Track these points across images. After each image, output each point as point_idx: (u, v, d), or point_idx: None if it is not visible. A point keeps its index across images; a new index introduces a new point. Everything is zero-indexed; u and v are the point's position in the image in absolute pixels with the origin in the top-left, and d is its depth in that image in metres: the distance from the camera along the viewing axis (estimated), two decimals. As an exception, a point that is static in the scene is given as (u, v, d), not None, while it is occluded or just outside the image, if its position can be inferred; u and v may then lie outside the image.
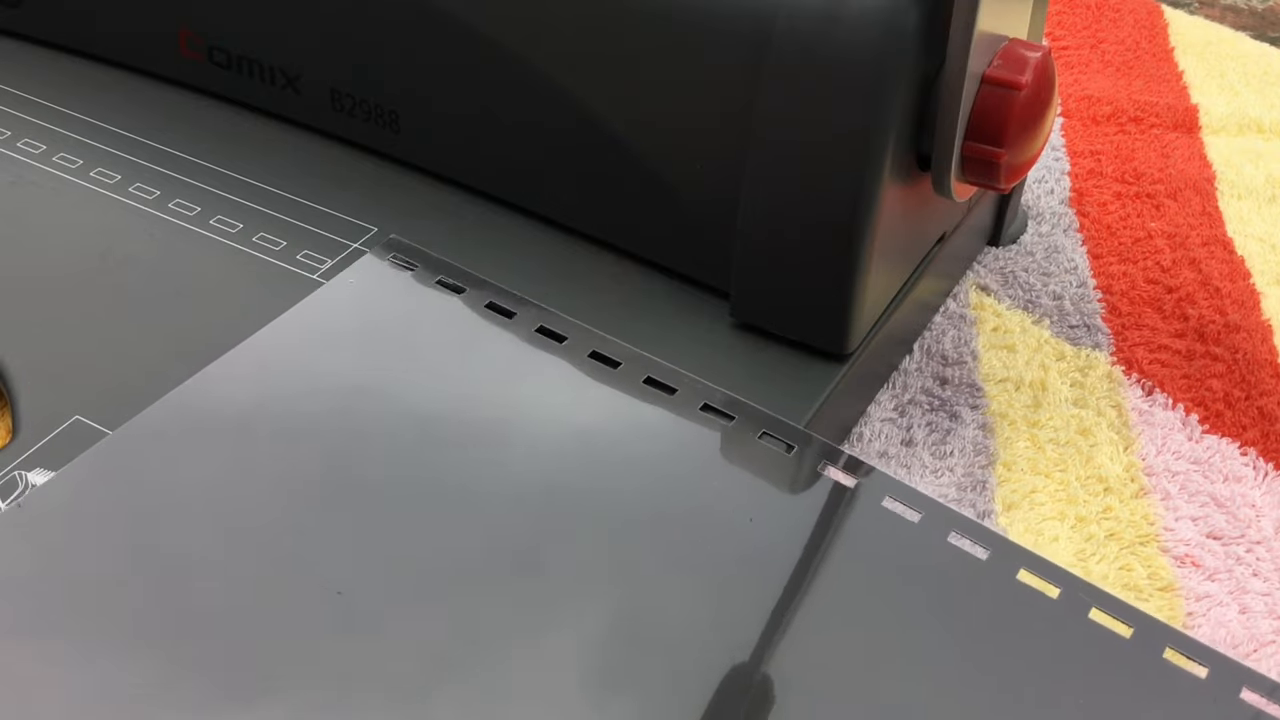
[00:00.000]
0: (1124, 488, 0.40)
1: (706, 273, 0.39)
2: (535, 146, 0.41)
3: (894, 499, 0.33)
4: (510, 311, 0.38)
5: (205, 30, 0.46)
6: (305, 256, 0.41)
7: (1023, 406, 0.42)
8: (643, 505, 0.33)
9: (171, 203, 0.43)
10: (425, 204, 0.43)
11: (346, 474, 0.33)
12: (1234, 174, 0.53)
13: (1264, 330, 0.45)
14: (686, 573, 0.31)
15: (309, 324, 0.37)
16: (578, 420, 0.35)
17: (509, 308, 0.38)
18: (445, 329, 0.37)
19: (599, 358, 0.37)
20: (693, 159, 0.38)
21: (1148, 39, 0.62)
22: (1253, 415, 0.42)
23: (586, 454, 0.34)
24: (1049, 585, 0.32)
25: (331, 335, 0.37)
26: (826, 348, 0.38)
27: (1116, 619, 0.31)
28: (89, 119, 0.47)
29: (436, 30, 0.41)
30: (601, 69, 0.38)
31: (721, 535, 0.32)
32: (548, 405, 0.35)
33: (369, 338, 0.37)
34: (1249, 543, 0.38)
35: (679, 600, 0.31)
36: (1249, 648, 0.35)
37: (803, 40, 0.34)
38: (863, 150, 0.34)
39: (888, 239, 0.37)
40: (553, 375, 0.36)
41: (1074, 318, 0.46)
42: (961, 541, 0.32)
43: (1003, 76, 0.35)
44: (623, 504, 0.33)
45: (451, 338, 0.37)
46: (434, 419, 0.35)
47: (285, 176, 0.44)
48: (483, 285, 0.39)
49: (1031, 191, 0.52)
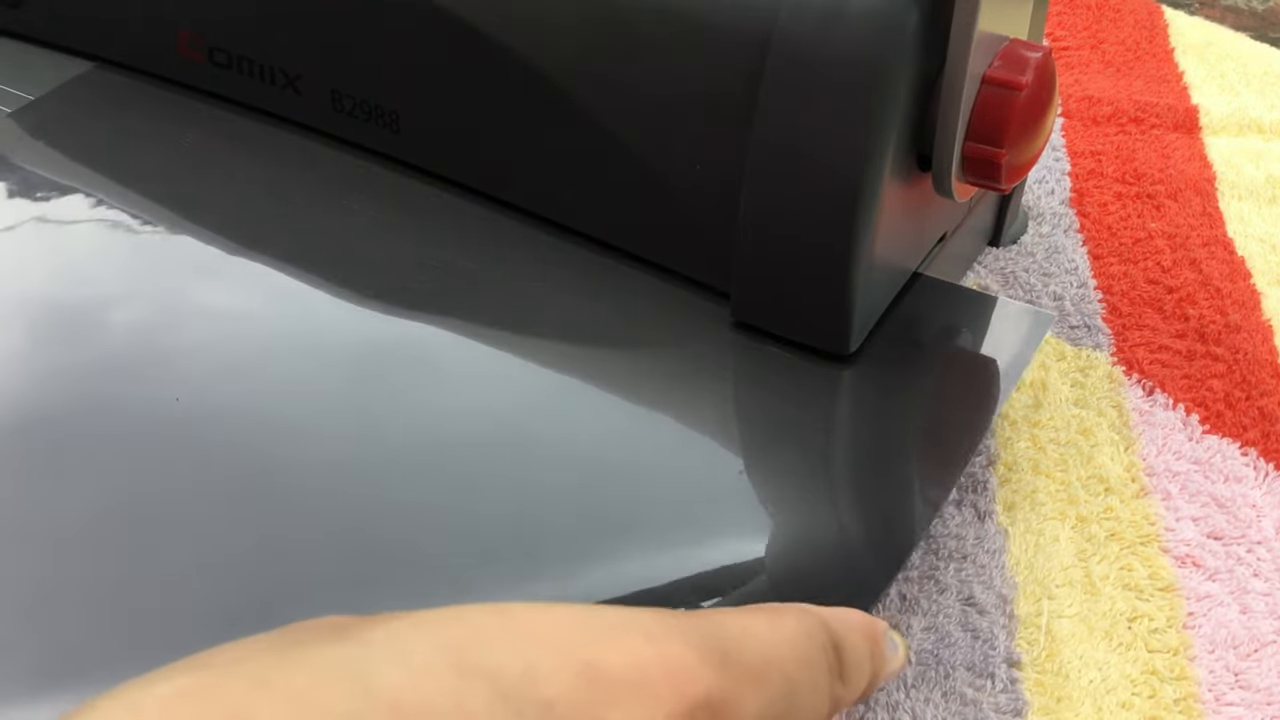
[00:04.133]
0: (1125, 488, 0.40)
1: (706, 273, 0.39)
2: (535, 147, 0.41)
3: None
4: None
5: (205, 30, 0.46)
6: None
7: (1023, 407, 0.42)
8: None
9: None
10: (425, 204, 0.43)
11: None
12: (1234, 174, 0.53)
13: (1264, 330, 0.45)
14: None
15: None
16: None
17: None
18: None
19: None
20: (693, 159, 0.38)
21: (1148, 39, 0.62)
22: (1253, 415, 0.42)
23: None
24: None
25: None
26: (826, 348, 0.38)
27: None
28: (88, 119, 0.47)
29: (437, 31, 0.41)
30: (602, 69, 0.38)
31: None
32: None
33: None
34: (1250, 543, 0.38)
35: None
36: (1249, 648, 0.35)
37: (803, 40, 0.34)
38: (863, 150, 0.34)
39: (888, 239, 0.37)
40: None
41: (1074, 318, 0.46)
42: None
43: (1003, 77, 0.35)
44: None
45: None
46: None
47: (285, 177, 0.44)
48: None
49: (1032, 192, 0.52)
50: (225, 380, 0.36)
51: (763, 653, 0.23)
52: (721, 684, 0.22)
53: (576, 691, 0.20)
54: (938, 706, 0.34)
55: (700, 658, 0.22)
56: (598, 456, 0.35)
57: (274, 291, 0.40)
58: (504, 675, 0.20)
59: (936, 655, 0.35)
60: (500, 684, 0.20)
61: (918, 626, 0.35)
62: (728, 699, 0.22)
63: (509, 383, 0.37)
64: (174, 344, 0.37)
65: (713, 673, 0.22)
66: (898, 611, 0.36)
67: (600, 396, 0.37)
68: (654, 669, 0.21)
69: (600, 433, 0.36)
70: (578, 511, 0.33)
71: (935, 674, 0.34)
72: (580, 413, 0.37)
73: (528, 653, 0.20)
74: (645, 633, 0.22)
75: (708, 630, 0.23)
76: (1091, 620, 0.36)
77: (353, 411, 0.36)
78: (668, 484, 0.35)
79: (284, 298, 0.39)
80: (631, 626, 0.22)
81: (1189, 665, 0.35)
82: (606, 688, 0.20)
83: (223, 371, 0.36)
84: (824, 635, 0.25)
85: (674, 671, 0.21)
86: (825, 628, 0.25)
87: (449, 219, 0.43)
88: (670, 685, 0.21)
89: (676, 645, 0.22)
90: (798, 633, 0.25)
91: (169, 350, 0.37)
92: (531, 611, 0.22)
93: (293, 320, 0.39)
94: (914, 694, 0.34)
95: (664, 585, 0.31)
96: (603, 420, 0.37)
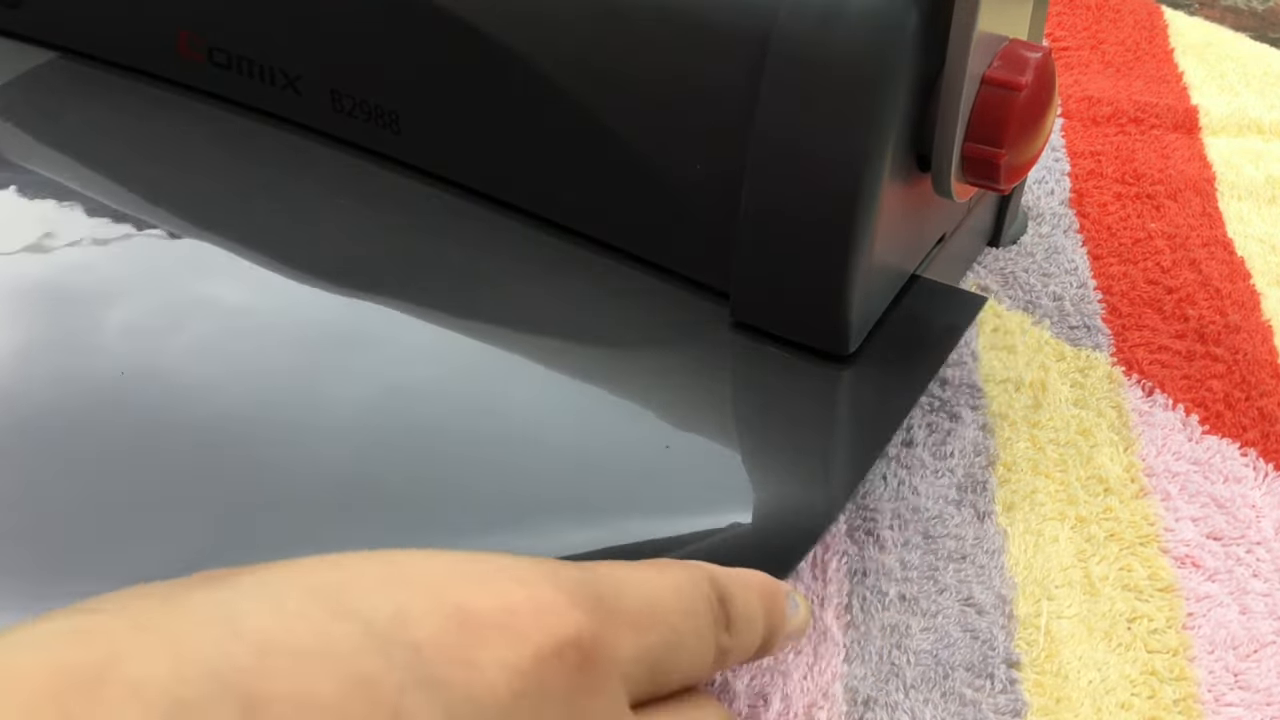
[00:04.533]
0: (1124, 488, 0.40)
1: (706, 273, 0.39)
2: (535, 147, 0.41)
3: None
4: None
5: (205, 31, 0.46)
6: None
7: (1023, 407, 0.42)
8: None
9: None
10: (425, 204, 0.43)
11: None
12: (1234, 175, 0.53)
13: (1264, 331, 0.45)
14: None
15: None
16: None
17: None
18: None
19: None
20: (692, 159, 0.38)
21: (1148, 40, 0.62)
22: (1253, 416, 0.42)
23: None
24: None
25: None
26: (826, 348, 0.38)
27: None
28: (89, 119, 0.47)
29: (437, 31, 0.41)
30: (601, 69, 0.38)
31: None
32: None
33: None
34: (1249, 543, 0.38)
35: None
36: (1249, 648, 0.35)
37: (802, 41, 0.34)
38: (862, 150, 0.34)
39: (888, 240, 0.37)
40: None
41: (1074, 318, 0.46)
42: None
43: (1003, 77, 0.35)
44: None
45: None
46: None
47: (285, 177, 0.44)
48: None
49: (1032, 192, 0.52)
50: (190, 363, 0.37)
51: (643, 600, 0.24)
52: (593, 626, 0.22)
53: (445, 634, 0.21)
54: (937, 707, 0.34)
55: (571, 601, 0.22)
56: (593, 451, 0.35)
57: (242, 272, 0.40)
58: (375, 618, 0.20)
59: (935, 655, 0.35)
60: (371, 626, 0.20)
61: (917, 627, 0.35)
62: (601, 640, 0.23)
63: (507, 382, 0.37)
64: (164, 340, 0.37)
65: (584, 615, 0.22)
66: (897, 611, 0.36)
67: (599, 396, 0.37)
68: (523, 610, 0.22)
69: (596, 429, 0.36)
70: (558, 498, 0.34)
71: (934, 674, 0.34)
72: (579, 411, 0.37)
73: (399, 596, 0.21)
74: (518, 577, 0.22)
75: (585, 578, 0.24)
76: (1091, 621, 0.36)
77: (336, 402, 0.36)
78: (662, 481, 0.35)
79: (250, 276, 0.40)
80: (506, 572, 0.23)
81: (1188, 666, 0.35)
82: (475, 629, 0.21)
83: (190, 356, 0.37)
84: (709, 587, 0.26)
85: (543, 613, 0.22)
86: (711, 581, 0.26)
87: (448, 219, 0.43)
88: (538, 625, 0.22)
89: (548, 589, 0.22)
90: (681, 582, 0.25)
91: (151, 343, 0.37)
92: (409, 557, 0.22)
93: (268, 302, 0.39)
94: (913, 694, 0.34)
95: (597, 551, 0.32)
96: (599, 418, 0.36)
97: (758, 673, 0.34)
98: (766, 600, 0.28)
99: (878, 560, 0.37)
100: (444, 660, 0.20)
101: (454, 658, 0.21)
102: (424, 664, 0.20)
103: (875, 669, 0.34)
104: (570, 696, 0.22)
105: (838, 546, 0.37)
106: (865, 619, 0.36)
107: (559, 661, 0.22)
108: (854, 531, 0.38)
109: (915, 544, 0.38)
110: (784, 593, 0.29)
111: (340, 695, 0.19)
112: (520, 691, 0.21)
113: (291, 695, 0.19)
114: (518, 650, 0.21)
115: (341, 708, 0.19)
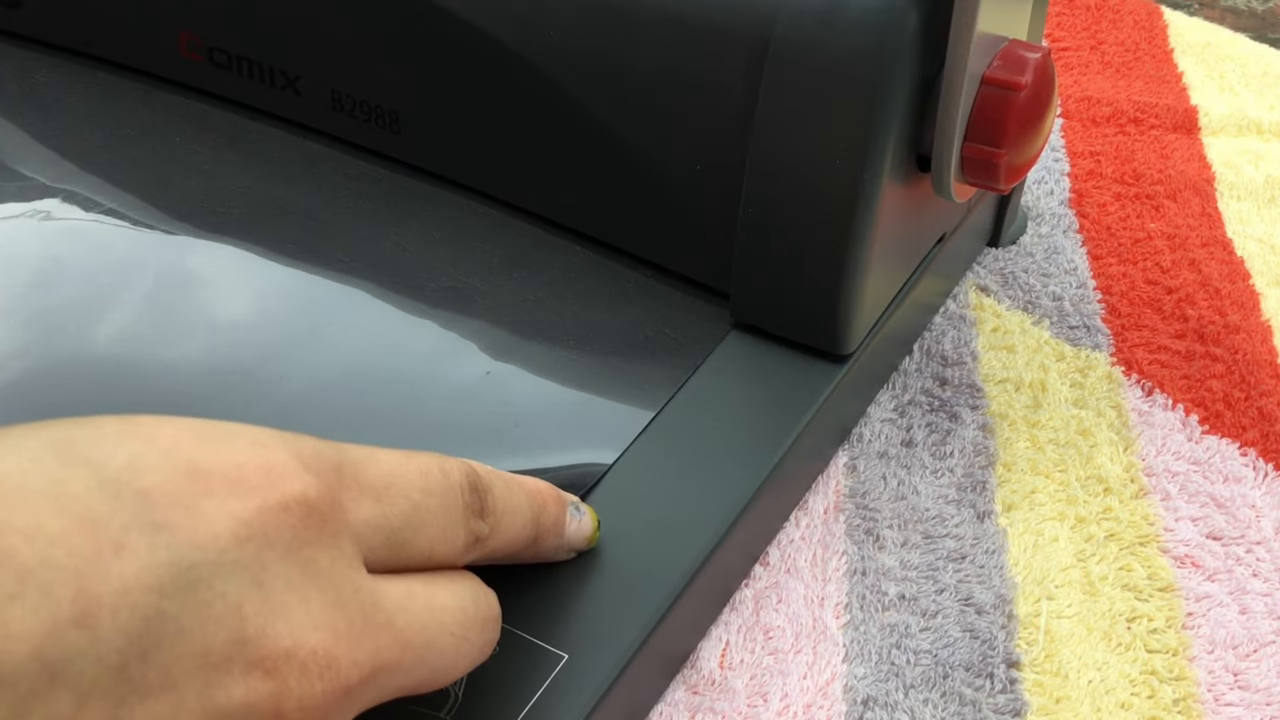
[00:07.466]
0: (1124, 488, 0.40)
1: (706, 273, 0.39)
2: (535, 147, 0.41)
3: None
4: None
5: (205, 31, 0.46)
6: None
7: (1023, 407, 0.42)
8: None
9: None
10: (424, 204, 0.43)
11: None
12: (1234, 175, 0.53)
13: (1264, 331, 0.45)
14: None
15: None
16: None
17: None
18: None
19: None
20: (692, 159, 0.38)
21: (1147, 40, 0.62)
22: (1253, 416, 0.42)
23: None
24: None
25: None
26: (826, 348, 0.38)
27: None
28: (89, 120, 0.47)
29: (437, 31, 0.41)
30: (601, 69, 0.38)
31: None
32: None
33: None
34: (1249, 543, 0.38)
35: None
36: (1249, 648, 0.35)
37: (802, 41, 0.34)
38: (862, 151, 0.34)
39: (887, 240, 0.37)
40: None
41: (1074, 318, 0.46)
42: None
43: (1002, 77, 0.35)
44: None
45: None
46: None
47: (284, 176, 0.44)
48: None
49: (1031, 193, 0.52)
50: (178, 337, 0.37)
51: (384, 475, 0.25)
52: (322, 488, 0.23)
53: (174, 483, 0.22)
54: (936, 707, 0.34)
55: (304, 465, 0.24)
56: (587, 447, 0.36)
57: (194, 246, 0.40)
58: (107, 465, 0.22)
59: (935, 655, 0.35)
60: (102, 472, 0.21)
61: (916, 627, 0.35)
62: (331, 501, 0.24)
63: (505, 379, 0.37)
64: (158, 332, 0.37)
65: (313, 478, 0.23)
66: (897, 611, 0.36)
67: (598, 393, 0.37)
68: (252, 467, 0.23)
69: (592, 426, 0.36)
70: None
71: (934, 674, 0.34)
72: (578, 409, 0.37)
73: (133, 448, 0.22)
74: (254, 440, 0.24)
75: (325, 450, 0.25)
76: (1090, 621, 0.36)
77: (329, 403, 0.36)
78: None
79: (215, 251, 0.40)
80: (244, 436, 0.24)
81: (1188, 666, 0.35)
82: (203, 480, 0.22)
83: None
84: (462, 476, 0.27)
85: (272, 470, 0.23)
86: (467, 471, 0.27)
87: (448, 219, 0.43)
88: (266, 481, 0.23)
89: (281, 452, 0.24)
90: (429, 466, 0.26)
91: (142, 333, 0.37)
92: (154, 419, 0.23)
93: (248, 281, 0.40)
94: (913, 694, 0.34)
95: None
96: (597, 414, 0.37)
97: (758, 672, 0.34)
98: (536, 499, 0.29)
99: (878, 560, 0.37)
100: (169, 505, 0.22)
101: (179, 504, 0.22)
102: (150, 508, 0.21)
103: (875, 669, 0.34)
104: (294, 546, 0.23)
105: (837, 546, 0.37)
106: (865, 619, 0.36)
107: (284, 514, 0.23)
108: (854, 531, 0.38)
109: (915, 544, 0.38)
110: (561, 498, 0.31)
111: (66, 529, 0.20)
112: (244, 538, 0.22)
113: (21, 528, 0.20)
114: (243, 501, 0.22)
115: (67, 540, 0.20)
